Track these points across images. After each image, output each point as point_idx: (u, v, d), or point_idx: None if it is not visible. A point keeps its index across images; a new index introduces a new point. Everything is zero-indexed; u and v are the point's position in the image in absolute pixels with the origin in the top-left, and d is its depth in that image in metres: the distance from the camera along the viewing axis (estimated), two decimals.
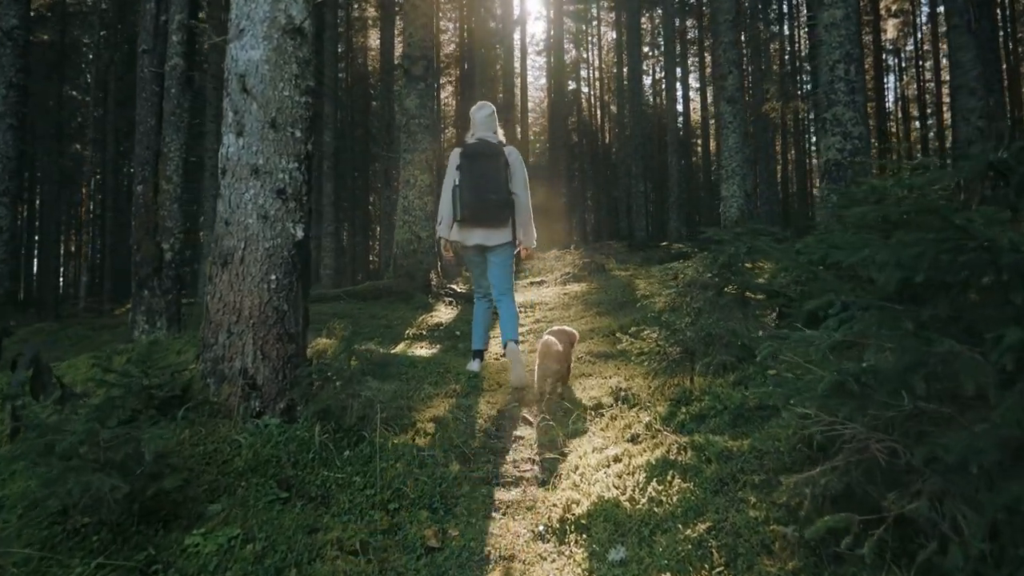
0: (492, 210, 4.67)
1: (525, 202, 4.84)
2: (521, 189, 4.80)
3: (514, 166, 4.78)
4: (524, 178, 4.84)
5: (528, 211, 4.86)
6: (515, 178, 4.77)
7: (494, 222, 4.72)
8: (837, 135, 7.26)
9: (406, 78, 10.81)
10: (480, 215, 4.67)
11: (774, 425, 2.92)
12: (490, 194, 4.62)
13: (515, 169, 4.78)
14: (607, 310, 8.70)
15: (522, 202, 4.81)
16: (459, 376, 4.93)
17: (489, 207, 4.65)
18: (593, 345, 6.10)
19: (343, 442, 3.05)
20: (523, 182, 4.82)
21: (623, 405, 3.88)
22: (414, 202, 10.52)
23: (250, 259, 3.20)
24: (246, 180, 3.24)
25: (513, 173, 4.76)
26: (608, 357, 5.56)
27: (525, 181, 4.85)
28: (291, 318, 3.26)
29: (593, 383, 4.64)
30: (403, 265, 10.44)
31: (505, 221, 4.75)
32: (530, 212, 4.88)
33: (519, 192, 4.79)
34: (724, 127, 11.77)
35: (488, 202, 4.63)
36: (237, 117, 3.29)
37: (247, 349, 3.16)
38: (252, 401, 3.14)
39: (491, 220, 4.70)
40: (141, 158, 6.57)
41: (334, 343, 5.55)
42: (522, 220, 4.84)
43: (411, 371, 5.02)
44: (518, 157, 4.86)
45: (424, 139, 10.64)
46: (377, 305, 9.61)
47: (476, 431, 3.77)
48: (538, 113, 37.22)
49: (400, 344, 7.90)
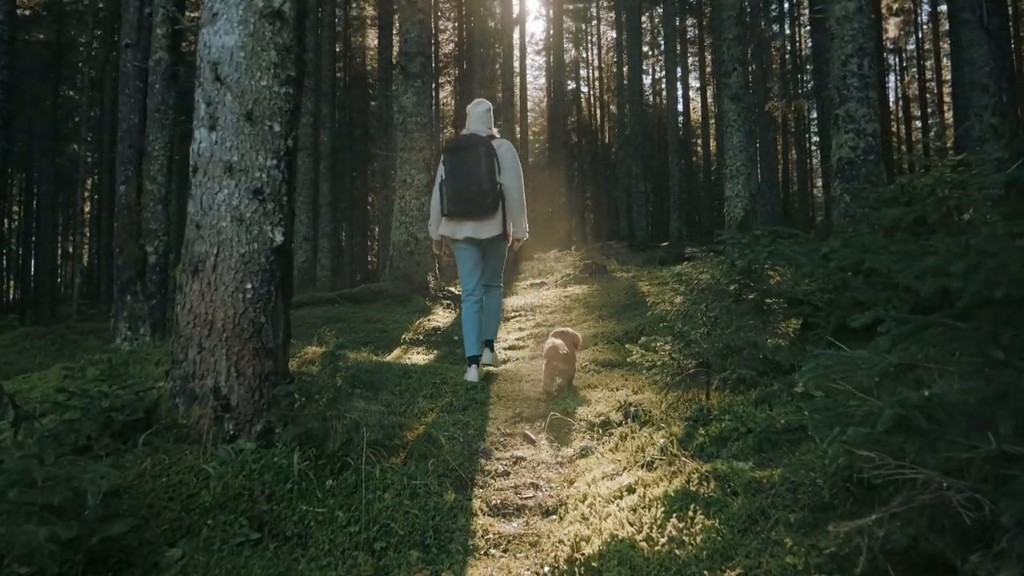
0: (476, 201, 4.56)
1: (515, 193, 4.67)
2: (511, 180, 4.64)
3: (503, 157, 4.64)
4: (515, 169, 4.69)
5: (518, 202, 4.69)
6: (504, 168, 4.63)
7: (481, 214, 4.60)
8: (850, 132, 6.94)
9: (403, 75, 10.48)
10: (465, 207, 4.59)
11: (806, 452, 2.60)
12: (471, 185, 4.53)
13: (504, 159, 4.64)
14: (610, 314, 8.38)
15: (512, 193, 4.65)
16: (456, 388, 4.60)
17: (473, 198, 4.55)
18: (598, 352, 5.78)
19: (325, 470, 2.73)
20: (514, 173, 4.67)
21: (633, 423, 3.56)
22: (411, 202, 10.20)
23: (223, 266, 2.88)
24: (219, 179, 2.92)
25: (502, 164, 4.62)
26: (614, 366, 5.24)
27: (517, 172, 4.69)
28: (269, 331, 2.93)
29: (599, 395, 4.32)
30: (400, 267, 10.12)
31: (492, 212, 4.61)
32: (521, 203, 4.71)
33: (509, 183, 4.64)
34: (728, 125, 11.44)
35: (471, 193, 4.54)
36: (210, 109, 2.97)
37: (220, 366, 2.84)
38: (225, 424, 2.81)
39: (477, 212, 4.59)
40: (124, 157, 6.24)
41: (324, 352, 5.22)
42: (512, 211, 4.68)
43: (404, 382, 4.70)
44: (509, 148, 4.71)
45: (421, 138, 10.31)
46: (373, 308, 9.29)
47: (474, 451, 3.44)
48: (537, 113, 36.90)
49: (395, 350, 7.58)
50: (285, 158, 3.02)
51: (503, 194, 4.61)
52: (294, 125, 3.09)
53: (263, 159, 2.95)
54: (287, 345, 3.10)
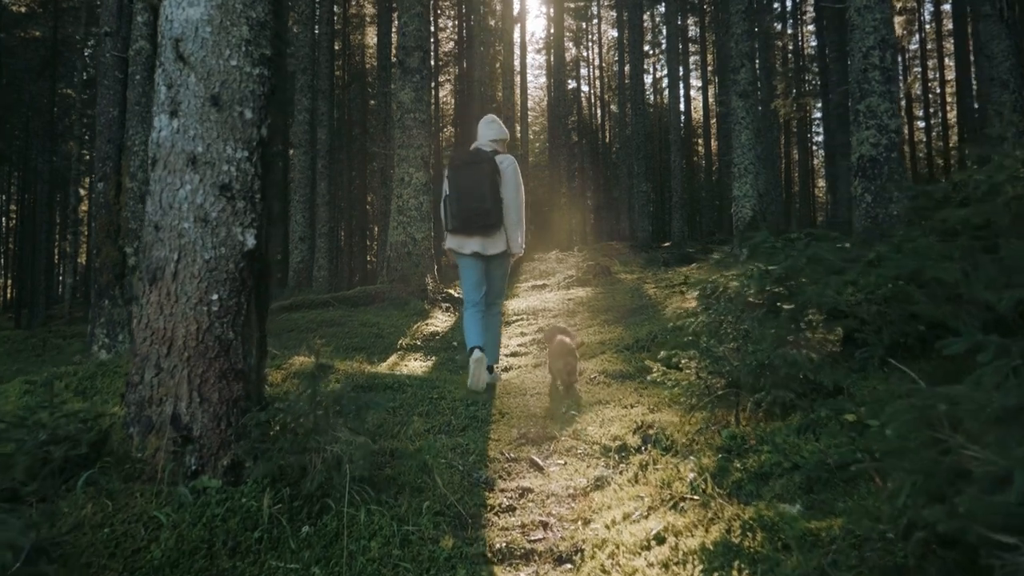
0: (479, 218, 4.57)
1: (513, 207, 4.66)
2: (510, 194, 4.65)
3: (505, 172, 4.65)
4: (515, 183, 4.69)
5: (515, 216, 4.68)
6: (505, 183, 4.64)
7: (485, 230, 4.62)
8: (871, 128, 6.53)
9: (401, 70, 10.06)
10: (468, 224, 4.60)
11: (867, 495, 2.19)
12: (474, 203, 4.55)
13: (505, 175, 4.65)
14: (616, 319, 7.97)
15: (509, 207, 4.65)
16: (455, 403, 4.19)
17: (475, 216, 4.57)
18: (607, 362, 5.37)
19: (302, 513, 2.31)
20: (513, 187, 4.67)
21: (654, 449, 3.14)
22: (409, 201, 9.78)
23: (185, 274, 2.46)
24: (181, 173, 2.50)
25: (504, 179, 4.63)
26: (625, 378, 4.83)
27: (516, 186, 4.69)
28: (239, 349, 2.52)
29: (612, 413, 3.91)
30: (397, 268, 9.70)
31: (496, 228, 4.64)
32: (518, 217, 4.70)
33: (507, 197, 4.64)
34: (736, 123, 11.03)
35: (473, 211, 4.55)
36: (171, 93, 2.55)
37: (180, 390, 2.42)
38: (186, 458, 2.40)
39: (481, 228, 4.61)
40: (102, 152, 5.83)
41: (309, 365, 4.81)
42: (509, 225, 4.68)
43: (399, 396, 4.29)
44: (511, 164, 4.72)
45: (420, 134, 9.89)
46: (369, 311, 8.87)
47: (475, 482, 3.03)
48: (538, 112, 36.47)
49: (391, 356, 7.17)
50: (258, 149, 2.61)
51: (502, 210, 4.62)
52: (269, 111, 2.67)
53: (232, 150, 2.54)
54: (262, 365, 2.68)
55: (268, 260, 2.67)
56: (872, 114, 6.54)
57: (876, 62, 6.54)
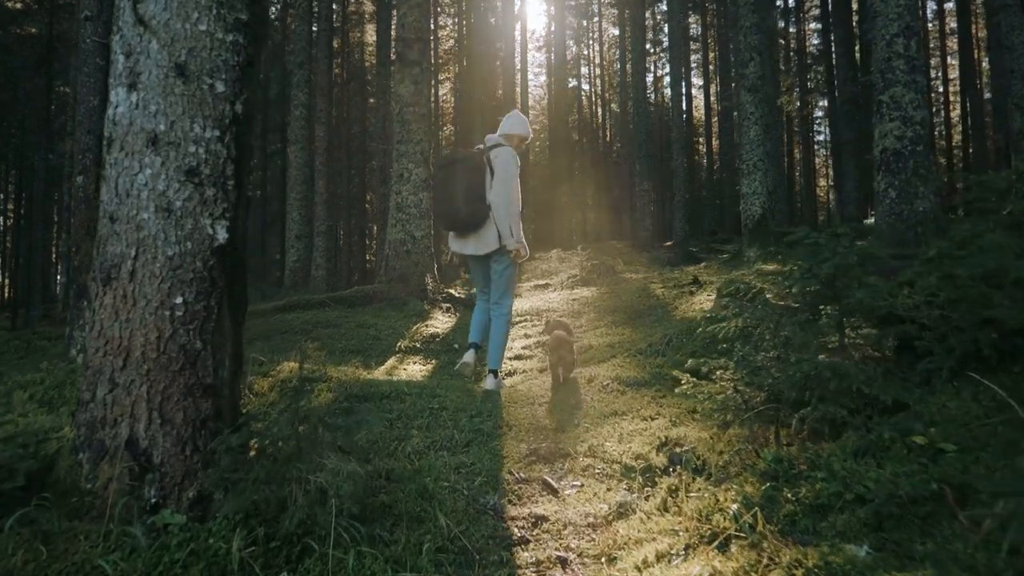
0: (462, 219, 4.46)
1: (500, 201, 4.44)
2: (497, 189, 4.44)
3: (495, 166, 4.48)
4: (504, 177, 4.46)
5: (501, 209, 4.45)
6: (494, 177, 4.46)
7: (472, 229, 4.50)
8: (896, 120, 6.16)
9: (400, 62, 9.68)
10: (452, 225, 4.54)
11: (953, 537, 1.82)
12: (455, 204, 4.45)
13: (495, 168, 4.47)
14: (625, 319, 7.60)
15: (494, 202, 4.44)
16: (457, 414, 3.82)
17: (457, 216, 4.46)
18: (619, 367, 4.99)
19: (279, 557, 1.94)
20: (501, 181, 4.45)
21: (683, 471, 2.77)
22: (408, 198, 9.40)
23: (144, 273, 2.09)
24: (140, 155, 2.13)
25: (494, 172, 4.47)
26: (640, 385, 4.46)
27: (504, 180, 4.46)
28: (208, 360, 2.15)
29: (630, 426, 3.54)
30: (396, 267, 9.32)
31: (480, 227, 4.48)
32: (505, 210, 4.45)
33: (494, 191, 4.45)
34: (744, 118, 10.66)
35: (454, 211, 4.46)
36: (129, 63, 2.18)
37: (138, 409, 2.05)
38: (145, 489, 2.03)
39: (467, 228, 4.50)
40: (82, 144, 5.46)
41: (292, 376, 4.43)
42: (496, 219, 4.47)
43: (396, 407, 3.91)
44: (504, 156, 4.51)
45: (419, 129, 9.52)
46: (366, 312, 8.49)
47: (481, 509, 2.66)
48: (538, 111, 36.08)
49: (389, 359, 6.80)
50: (232, 128, 2.23)
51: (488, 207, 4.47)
52: (246, 86, 2.30)
53: (200, 128, 2.17)
54: (237, 378, 2.31)
55: (243, 256, 2.30)
56: (896, 105, 6.17)
57: (900, 50, 6.17)
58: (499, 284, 4.67)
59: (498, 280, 4.66)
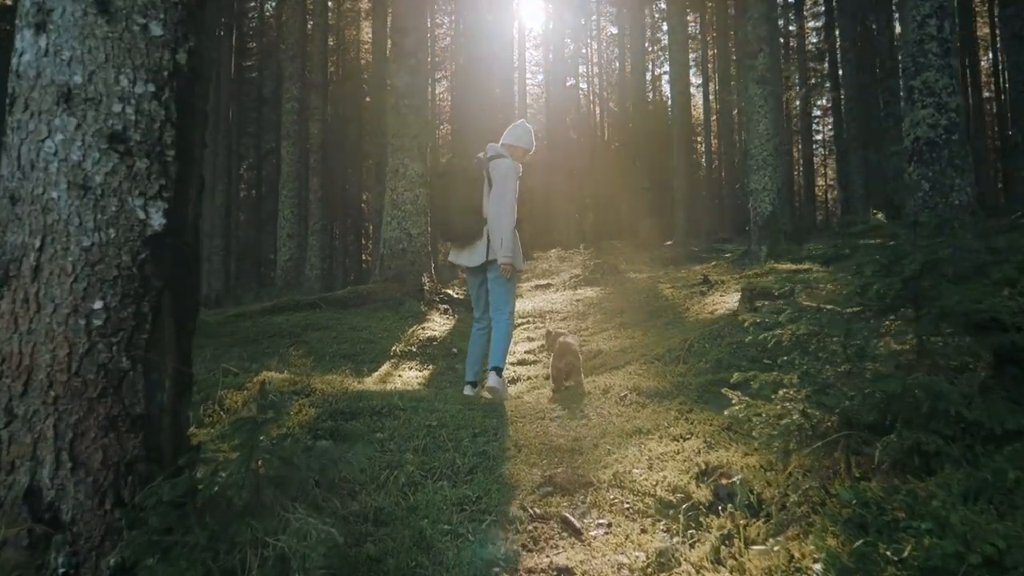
0: (457, 228, 4.36)
1: (492, 213, 4.28)
2: (494, 199, 4.29)
3: (494, 178, 4.32)
4: (501, 188, 4.28)
5: (495, 222, 4.27)
6: (492, 188, 4.31)
7: (464, 239, 4.38)
8: (929, 107, 5.67)
9: (395, 51, 9.17)
10: (448, 234, 4.45)
11: None
12: (450, 214, 4.35)
13: (494, 179, 4.32)
14: (635, 321, 7.10)
15: (489, 213, 4.29)
16: (459, 433, 3.31)
17: (453, 227, 4.38)
18: (637, 376, 4.48)
19: None
20: (498, 192, 4.28)
21: (735, 510, 2.27)
22: (403, 194, 8.88)
23: (52, 269, 1.58)
24: (49, 115, 1.62)
25: (492, 185, 4.32)
26: (663, 396, 3.95)
27: (501, 192, 4.28)
28: (137, 384, 1.63)
29: (660, 448, 3.04)
30: (391, 267, 8.80)
31: (474, 239, 4.34)
32: (497, 223, 4.26)
33: (491, 203, 4.30)
34: (754, 111, 10.17)
35: (450, 222, 4.37)
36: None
37: (43, 449, 1.55)
38: (52, 555, 1.52)
39: (462, 238, 4.39)
40: None
41: (285, 380, 3.91)
42: (490, 230, 4.30)
43: (388, 424, 3.40)
44: (503, 167, 4.33)
45: (416, 122, 9.00)
46: (360, 313, 7.97)
47: (490, 559, 2.15)
48: (536, 109, 35.56)
49: (383, 365, 6.28)
50: (172, 82, 1.72)
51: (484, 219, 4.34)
52: (192, 29, 1.78)
53: (129, 82, 1.65)
54: (183, 404, 1.80)
55: (189, 248, 1.78)
56: (929, 91, 5.68)
57: (933, 32, 5.68)
58: (497, 293, 4.42)
59: (496, 289, 4.42)
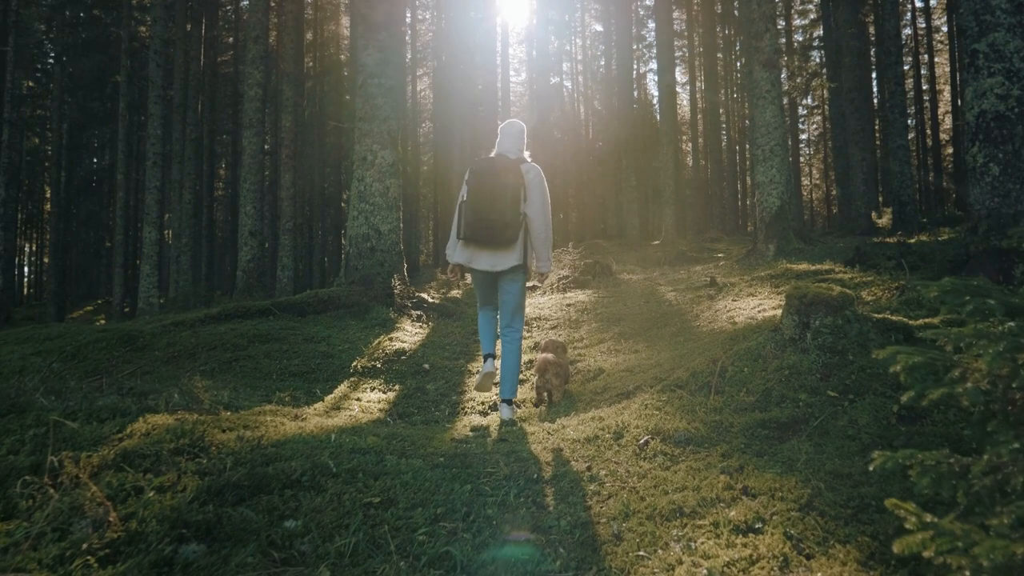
0: (494, 230, 4.00)
1: (540, 224, 4.07)
2: (537, 210, 4.07)
3: (530, 185, 4.09)
4: (542, 198, 4.10)
5: (543, 234, 4.09)
6: (530, 198, 4.07)
7: (497, 243, 4.04)
8: (997, 74, 4.59)
9: (363, 26, 7.98)
10: (480, 234, 4.04)
11: None
12: (491, 213, 4.00)
13: (531, 188, 4.09)
14: (636, 331, 5.98)
15: (536, 224, 4.07)
16: (410, 517, 2.15)
17: (490, 226, 4.01)
18: (656, 411, 3.33)
19: None
20: (540, 202, 4.09)
21: None
22: (372, 185, 7.70)
23: None
24: None
25: (529, 192, 4.08)
26: (697, 444, 2.83)
27: (543, 201, 4.10)
28: None
29: (717, 550, 1.91)
30: (358, 267, 7.61)
31: (510, 243, 4.04)
32: (547, 235, 4.11)
33: (534, 214, 4.07)
34: (759, 97, 9.09)
35: (489, 221, 4.00)
36: None
37: None
38: None
39: (493, 241, 4.02)
40: None
41: (171, 427, 2.72)
42: (536, 244, 4.12)
43: (308, 504, 2.23)
44: (538, 174, 4.15)
45: (386, 104, 7.82)
46: (320, 321, 6.78)
47: None
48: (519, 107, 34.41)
49: (340, 385, 5.12)
50: None
51: (526, 225, 4.09)
52: None
53: None
54: None
55: None
56: (998, 55, 4.60)
57: None
58: (513, 302, 4.16)
59: (513, 299, 4.15)
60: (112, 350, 6.28)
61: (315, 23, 25.89)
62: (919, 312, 3.94)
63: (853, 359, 3.21)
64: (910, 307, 4.09)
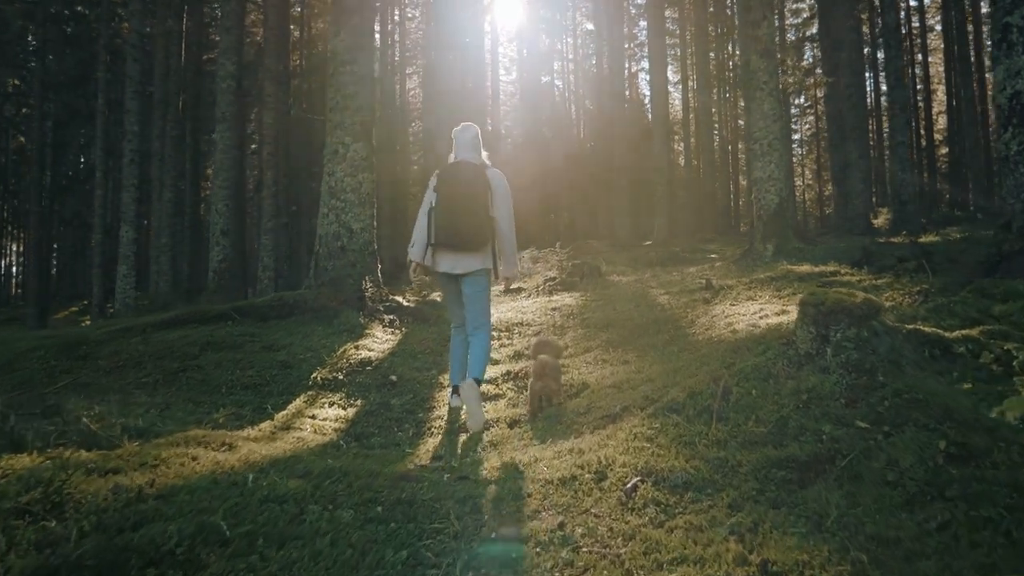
0: (465, 235, 3.95)
1: (507, 228, 4.06)
2: (503, 214, 4.06)
3: (496, 190, 4.08)
4: (507, 202, 4.10)
5: (509, 238, 4.09)
6: (496, 203, 4.06)
7: (466, 247, 3.99)
8: None
9: (335, 8, 7.37)
10: (453, 240, 3.97)
11: None
12: (465, 218, 3.94)
13: (497, 193, 4.08)
14: (626, 338, 5.39)
15: (503, 228, 4.05)
16: None
17: (462, 232, 3.95)
18: (647, 443, 2.73)
19: None
20: (506, 207, 4.08)
21: None
22: (344, 180, 7.09)
23: None
24: None
25: (495, 197, 4.07)
26: (697, 490, 2.25)
27: (508, 206, 4.09)
28: None
29: None
30: (327, 269, 7.00)
31: (479, 247, 4.00)
32: (513, 239, 4.12)
33: (501, 218, 4.05)
34: (757, 88, 8.53)
35: (463, 227, 3.94)
36: None
37: None
38: None
39: (463, 245, 3.97)
40: None
41: (30, 469, 2.11)
42: (503, 248, 4.09)
43: None
44: (502, 180, 4.14)
45: (359, 93, 7.21)
46: (282, 327, 6.17)
47: None
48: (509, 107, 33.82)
49: (296, 399, 4.52)
50: None
51: (494, 229, 4.08)
52: None
53: None
54: None
55: None
56: None
57: None
58: (479, 303, 4.11)
59: (478, 300, 4.10)
60: (51, 359, 5.65)
61: (302, 20, 25.23)
62: (951, 321, 3.36)
63: (884, 380, 2.62)
64: (940, 315, 3.51)
